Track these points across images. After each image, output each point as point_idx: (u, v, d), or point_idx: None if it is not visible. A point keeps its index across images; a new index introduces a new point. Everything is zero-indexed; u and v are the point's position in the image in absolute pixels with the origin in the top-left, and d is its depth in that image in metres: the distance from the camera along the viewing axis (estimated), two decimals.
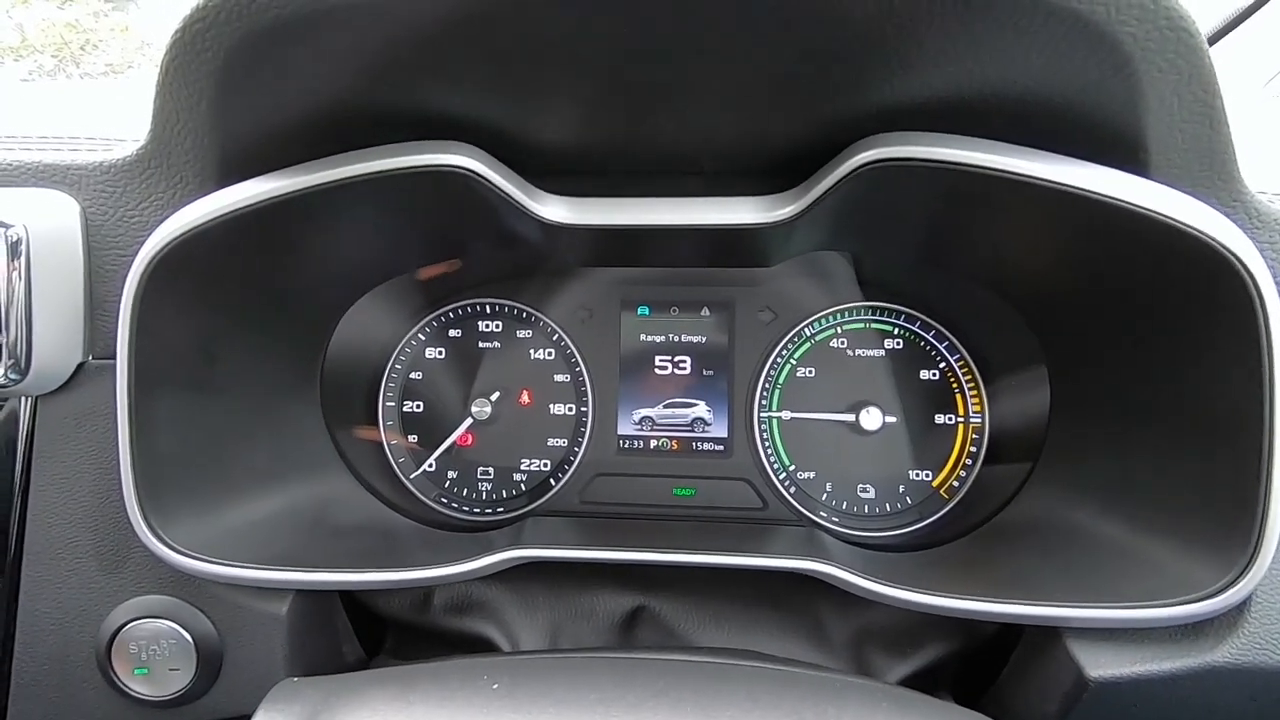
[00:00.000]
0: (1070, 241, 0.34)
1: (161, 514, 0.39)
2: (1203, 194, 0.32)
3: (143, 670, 0.41)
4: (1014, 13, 0.26)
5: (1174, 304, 0.33)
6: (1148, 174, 0.32)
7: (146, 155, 0.39)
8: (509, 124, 0.36)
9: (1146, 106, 0.30)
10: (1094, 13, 0.26)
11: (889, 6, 0.26)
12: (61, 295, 0.40)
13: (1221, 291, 0.30)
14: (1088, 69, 0.29)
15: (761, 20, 0.27)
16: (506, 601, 0.49)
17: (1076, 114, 0.31)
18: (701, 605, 0.50)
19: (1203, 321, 0.32)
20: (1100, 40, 0.27)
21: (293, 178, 0.35)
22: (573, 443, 0.54)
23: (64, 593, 0.42)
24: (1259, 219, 0.35)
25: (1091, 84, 0.29)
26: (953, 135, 0.32)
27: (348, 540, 0.47)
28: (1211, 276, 0.30)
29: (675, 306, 0.54)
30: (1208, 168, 0.32)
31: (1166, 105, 0.30)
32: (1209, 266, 0.30)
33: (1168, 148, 0.31)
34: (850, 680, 0.34)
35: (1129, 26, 0.27)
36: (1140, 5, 0.26)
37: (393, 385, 0.55)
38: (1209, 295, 0.31)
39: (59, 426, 0.42)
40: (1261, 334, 0.30)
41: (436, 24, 0.28)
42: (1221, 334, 0.31)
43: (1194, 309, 0.33)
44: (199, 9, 0.30)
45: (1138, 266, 0.33)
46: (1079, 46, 0.28)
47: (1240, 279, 0.30)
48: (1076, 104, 0.30)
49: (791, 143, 0.36)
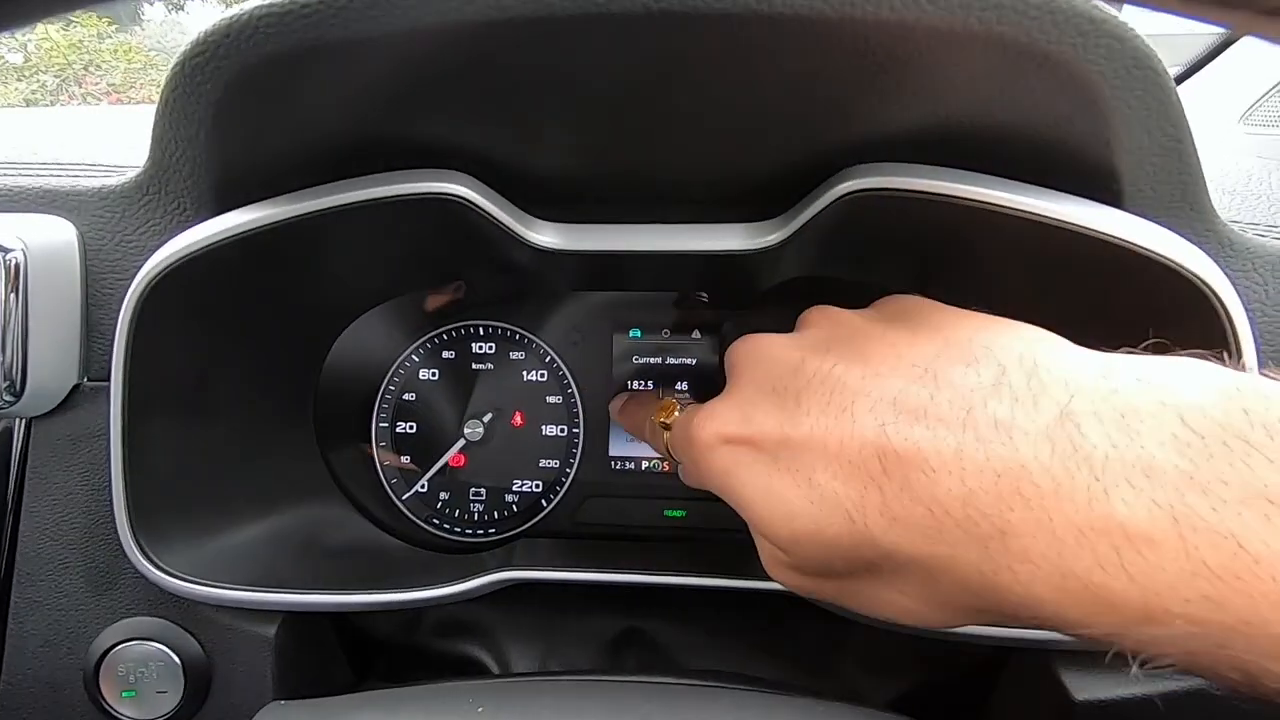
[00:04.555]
0: (1047, 269, 0.35)
1: (153, 536, 0.39)
2: (1175, 225, 0.32)
3: (130, 693, 0.41)
4: (987, 52, 0.27)
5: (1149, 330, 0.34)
6: (1121, 205, 0.33)
7: (145, 182, 0.40)
8: (502, 153, 0.36)
9: (1118, 141, 0.31)
10: (1062, 52, 0.27)
11: (865, 46, 0.27)
12: (58, 318, 0.41)
13: (1193, 318, 0.31)
14: (1059, 104, 0.30)
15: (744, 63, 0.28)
16: (497, 623, 0.49)
17: (1051, 147, 0.32)
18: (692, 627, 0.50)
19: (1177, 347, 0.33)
20: (1070, 78, 0.28)
21: (289, 204, 0.36)
22: (564, 464, 0.54)
23: (53, 614, 0.42)
24: (1230, 248, 0.36)
25: (1064, 119, 0.30)
26: (932, 166, 0.33)
27: (339, 562, 0.47)
28: (1183, 304, 0.31)
29: (666, 329, 0.55)
30: (1179, 199, 0.33)
31: (1136, 139, 0.31)
32: (1180, 294, 0.31)
33: (1139, 180, 0.32)
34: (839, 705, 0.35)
35: (1097, 65, 0.28)
36: (1107, 45, 0.27)
37: (386, 407, 0.55)
38: (1181, 322, 0.32)
39: (52, 448, 0.42)
40: (1233, 357, 0.30)
41: (432, 60, 0.29)
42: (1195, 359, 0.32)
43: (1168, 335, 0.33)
44: (199, 42, 0.31)
45: (1112, 294, 0.34)
46: (1050, 83, 0.29)
47: (1211, 306, 0.30)
48: (1051, 138, 0.31)
49: (779, 172, 0.37)
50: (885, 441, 0.23)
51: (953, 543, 0.22)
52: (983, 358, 0.24)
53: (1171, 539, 0.18)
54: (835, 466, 0.25)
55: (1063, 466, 0.20)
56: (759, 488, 0.27)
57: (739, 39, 0.27)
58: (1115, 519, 0.19)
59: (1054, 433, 0.21)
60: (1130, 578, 0.18)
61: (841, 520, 0.24)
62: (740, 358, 0.32)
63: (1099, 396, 0.21)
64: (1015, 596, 0.21)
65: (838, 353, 0.27)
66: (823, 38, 0.27)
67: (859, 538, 0.24)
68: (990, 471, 0.21)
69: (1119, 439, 0.20)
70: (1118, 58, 0.28)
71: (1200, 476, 0.18)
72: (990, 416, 0.22)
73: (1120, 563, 0.19)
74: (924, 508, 0.22)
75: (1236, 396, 0.19)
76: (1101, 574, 0.19)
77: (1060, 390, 0.22)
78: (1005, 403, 0.22)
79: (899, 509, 0.23)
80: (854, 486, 0.24)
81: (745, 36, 0.27)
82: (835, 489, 0.24)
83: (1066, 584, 0.20)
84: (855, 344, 0.28)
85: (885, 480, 0.23)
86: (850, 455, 0.24)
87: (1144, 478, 0.19)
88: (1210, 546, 0.18)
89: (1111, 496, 0.19)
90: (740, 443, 0.28)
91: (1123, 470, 0.19)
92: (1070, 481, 0.20)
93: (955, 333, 0.26)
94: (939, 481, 0.22)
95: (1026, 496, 0.20)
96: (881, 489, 0.23)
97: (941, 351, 0.25)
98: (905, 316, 0.29)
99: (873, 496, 0.23)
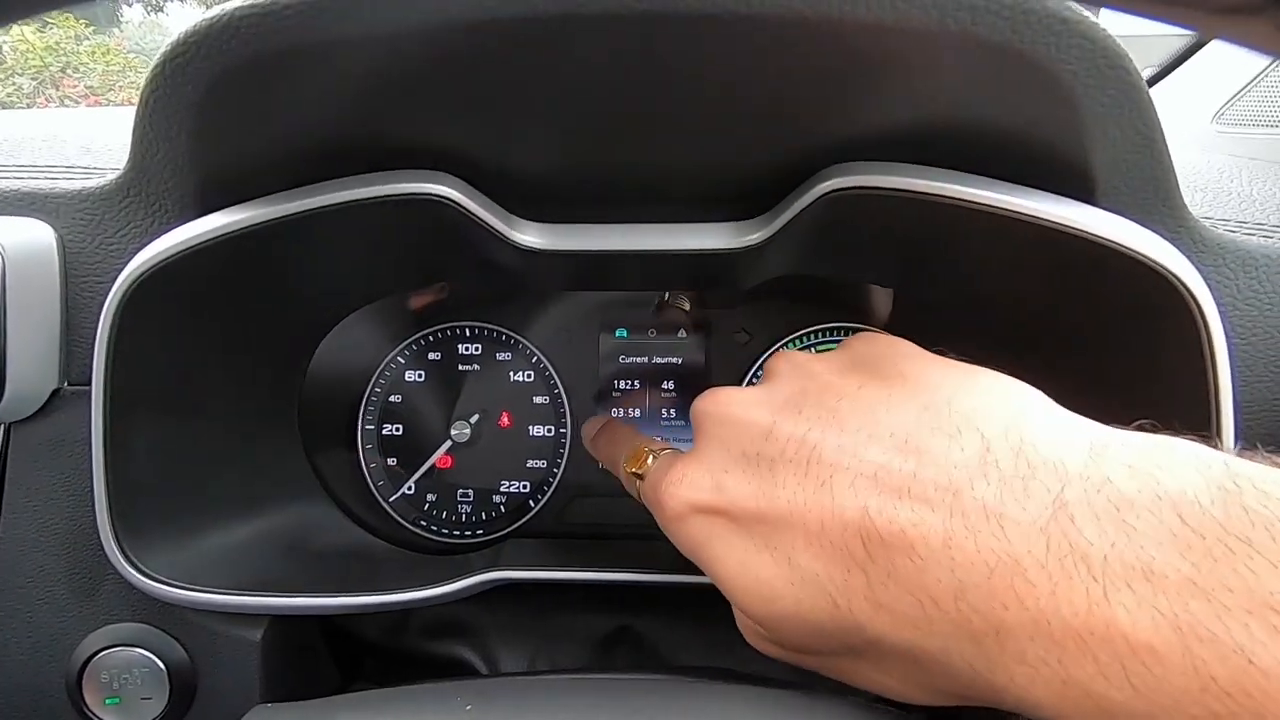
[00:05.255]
0: (1024, 266, 0.36)
1: (136, 540, 0.39)
2: (1148, 221, 0.33)
3: (114, 700, 0.41)
4: (962, 53, 0.28)
5: (1124, 324, 0.35)
6: (1096, 202, 0.33)
7: (125, 184, 0.40)
8: (486, 154, 0.37)
9: (1091, 139, 0.31)
10: (1036, 52, 0.28)
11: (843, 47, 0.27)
12: (37, 322, 0.40)
13: (1167, 313, 0.32)
14: (1033, 104, 0.30)
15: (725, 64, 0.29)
16: (485, 624, 0.49)
17: (1027, 146, 0.32)
18: (681, 625, 0.50)
19: (1152, 342, 0.34)
20: (1044, 77, 0.29)
21: (272, 206, 0.36)
22: (552, 464, 0.54)
23: (34, 621, 0.41)
24: (1203, 244, 0.36)
25: (1038, 118, 0.31)
26: (912, 165, 0.34)
27: (325, 564, 0.47)
28: (1157, 298, 0.32)
29: (652, 329, 0.55)
30: (1152, 196, 0.34)
31: (1110, 137, 0.31)
32: (1154, 289, 0.31)
33: (1113, 177, 0.33)
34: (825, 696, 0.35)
35: (1070, 65, 0.28)
36: (1079, 45, 0.28)
37: (372, 408, 0.55)
38: (1155, 316, 0.32)
39: (32, 453, 0.42)
40: (1205, 350, 0.31)
41: (415, 61, 0.29)
42: (1168, 354, 0.32)
43: (1144, 329, 0.34)
44: (179, 43, 0.31)
45: (1089, 290, 0.35)
46: (1024, 83, 0.29)
47: (1183, 300, 0.31)
48: (1026, 137, 0.32)
49: (761, 171, 0.38)
50: (869, 523, 0.22)
51: (944, 635, 0.21)
52: (964, 428, 0.23)
53: (1176, 651, 0.17)
54: (816, 547, 0.23)
55: (1059, 565, 0.19)
56: (735, 563, 0.26)
57: (720, 40, 0.27)
58: (1117, 626, 0.18)
59: (1048, 527, 0.20)
60: (1135, 690, 0.18)
61: (825, 604, 0.23)
62: (706, 416, 0.30)
63: (1091, 487, 0.20)
64: (1011, 696, 0.20)
65: (810, 414, 0.26)
66: (802, 39, 0.27)
67: (843, 622, 0.23)
68: (982, 564, 0.20)
69: (1117, 538, 0.19)
70: (1090, 57, 0.29)
71: (1203, 582, 0.17)
72: (979, 502, 0.21)
73: (1124, 674, 0.18)
74: (913, 597, 0.21)
75: (1235, 492, 0.18)
76: (1104, 684, 0.18)
77: (1050, 476, 0.21)
78: (993, 485, 0.21)
79: (885, 596, 0.22)
80: (837, 569, 0.23)
81: (727, 37, 0.27)
82: (817, 571, 0.23)
83: (1067, 691, 0.19)
84: (827, 403, 0.26)
85: (870, 564, 0.22)
86: (832, 536, 0.23)
87: (1145, 582, 0.18)
88: (1218, 660, 0.17)
89: (1112, 601, 0.18)
90: (713, 513, 0.27)
91: (1123, 573, 0.18)
92: (1068, 583, 0.19)
93: (933, 395, 0.25)
94: (927, 570, 0.21)
95: (1021, 595, 0.19)
96: (866, 573, 0.22)
97: (920, 418, 0.24)
98: (876, 366, 0.28)
99: (857, 580, 0.22)
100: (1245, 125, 0.66)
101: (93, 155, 0.46)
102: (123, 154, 0.39)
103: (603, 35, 0.28)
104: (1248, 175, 0.48)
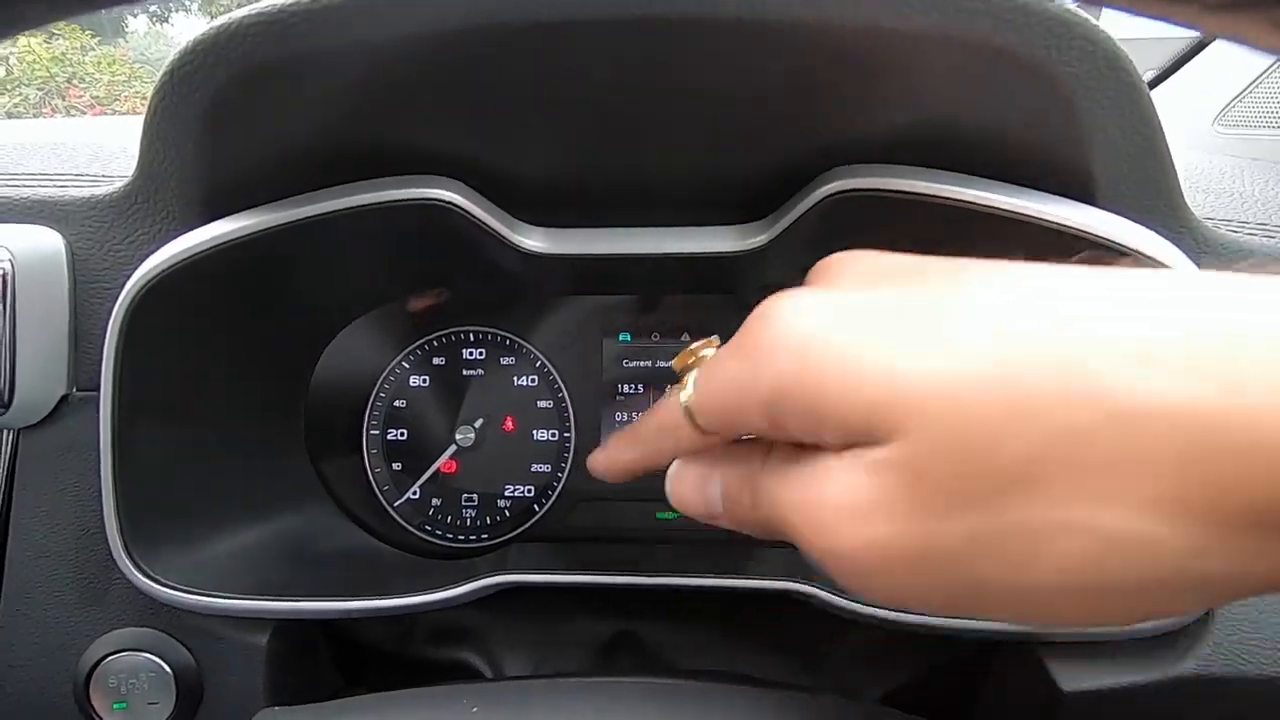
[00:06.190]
0: None
1: (144, 545, 0.39)
2: (1150, 221, 0.33)
3: (121, 705, 0.41)
4: (964, 56, 0.28)
5: None
6: (1097, 203, 0.33)
7: (133, 191, 0.40)
8: (489, 158, 0.37)
9: (1092, 141, 0.31)
10: (1036, 55, 0.28)
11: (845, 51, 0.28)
12: (46, 329, 0.41)
13: None
14: (1035, 106, 0.30)
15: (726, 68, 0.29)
16: (489, 628, 0.49)
17: (1029, 147, 0.33)
18: (685, 628, 0.50)
19: None
20: (1045, 80, 0.29)
21: (278, 212, 0.36)
22: (556, 469, 0.54)
23: (42, 627, 0.42)
24: (1206, 244, 0.36)
25: (1040, 120, 0.31)
26: (914, 167, 0.34)
27: (330, 569, 0.47)
28: None
29: (656, 332, 0.55)
30: (1153, 196, 0.34)
31: (1110, 139, 0.32)
32: None
33: (1114, 178, 0.33)
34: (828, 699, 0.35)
35: (1071, 67, 0.29)
36: (1080, 48, 0.28)
37: (377, 413, 0.55)
38: None
39: (41, 459, 0.42)
40: None
41: (420, 67, 0.30)
42: None
43: None
44: (188, 51, 0.31)
45: None
46: (1025, 86, 0.29)
47: None
48: (1028, 138, 0.32)
49: (763, 174, 0.38)
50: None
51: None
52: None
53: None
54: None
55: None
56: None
57: (722, 44, 0.28)
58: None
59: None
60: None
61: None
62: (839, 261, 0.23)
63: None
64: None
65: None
66: (803, 42, 0.27)
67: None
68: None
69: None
70: (1090, 60, 0.29)
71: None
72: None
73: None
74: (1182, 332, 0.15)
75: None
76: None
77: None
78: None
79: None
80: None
81: (728, 42, 0.27)
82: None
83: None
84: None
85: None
86: None
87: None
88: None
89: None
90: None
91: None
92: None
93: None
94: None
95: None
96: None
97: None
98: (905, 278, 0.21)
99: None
100: (1246, 126, 0.66)
101: (101, 163, 0.46)
102: (130, 162, 0.39)
103: (602, 40, 0.28)
104: (1250, 176, 0.48)
